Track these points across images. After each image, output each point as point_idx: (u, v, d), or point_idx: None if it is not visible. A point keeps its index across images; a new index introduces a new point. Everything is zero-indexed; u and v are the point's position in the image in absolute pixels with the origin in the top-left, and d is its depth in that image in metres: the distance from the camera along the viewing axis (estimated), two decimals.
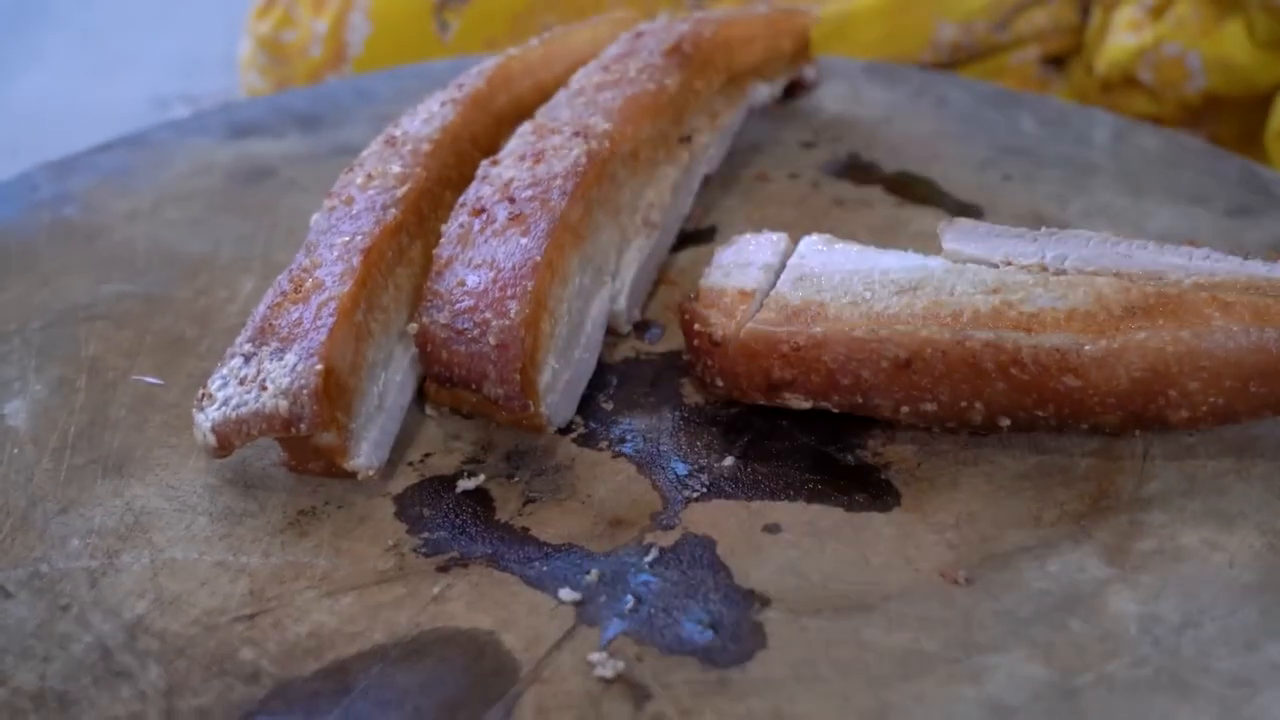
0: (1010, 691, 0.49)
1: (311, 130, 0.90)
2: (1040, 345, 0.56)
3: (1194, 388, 0.56)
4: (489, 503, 0.58)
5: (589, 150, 0.63)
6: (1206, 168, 0.86)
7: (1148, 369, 0.55)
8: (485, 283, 0.57)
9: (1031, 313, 0.56)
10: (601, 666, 0.49)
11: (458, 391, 0.60)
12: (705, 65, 0.74)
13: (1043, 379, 0.56)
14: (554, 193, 0.60)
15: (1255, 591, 0.53)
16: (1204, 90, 1.09)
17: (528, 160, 0.63)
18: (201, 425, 0.56)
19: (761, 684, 0.49)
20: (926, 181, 0.85)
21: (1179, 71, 1.10)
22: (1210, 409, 0.56)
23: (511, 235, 0.59)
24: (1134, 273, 0.58)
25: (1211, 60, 1.08)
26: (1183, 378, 0.55)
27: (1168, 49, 1.09)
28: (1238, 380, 0.55)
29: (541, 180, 0.61)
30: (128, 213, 0.79)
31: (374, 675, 0.49)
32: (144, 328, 0.68)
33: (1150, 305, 0.56)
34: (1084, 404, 0.56)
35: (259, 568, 0.53)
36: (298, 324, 0.56)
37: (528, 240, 0.58)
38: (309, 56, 1.23)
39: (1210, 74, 1.08)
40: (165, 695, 0.48)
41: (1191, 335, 0.55)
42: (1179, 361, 0.55)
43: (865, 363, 0.57)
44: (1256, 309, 0.56)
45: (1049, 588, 0.53)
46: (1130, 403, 0.56)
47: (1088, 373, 0.55)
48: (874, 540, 0.56)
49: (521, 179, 0.62)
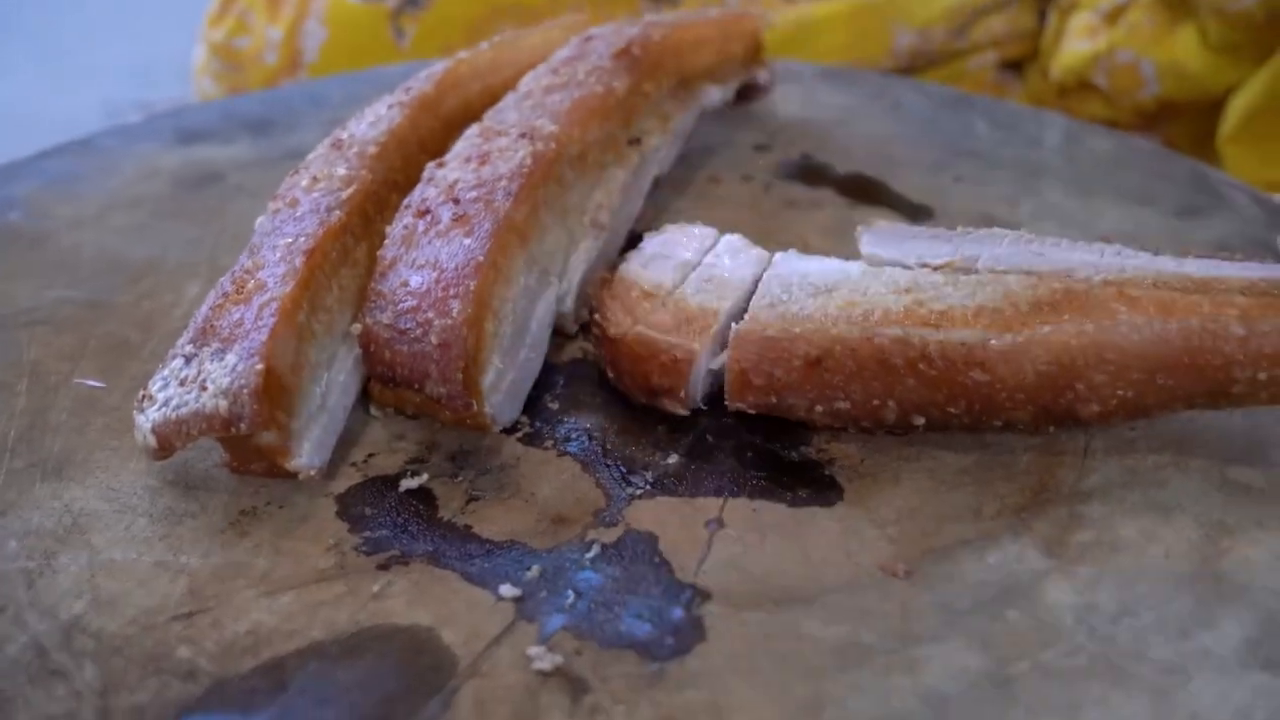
0: (946, 680, 0.50)
1: (262, 135, 0.91)
2: (947, 340, 0.57)
3: (1101, 380, 0.57)
4: (432, 502, 0.58)
5: (535, 151, 0.64)
6: (1156, 169, 0.88)
7: (1053, 362, 0.57)
8: (428, 283, 0.58)
9: (940, 310, 0.58)
10: (540, 660, 0.50)
11: (401, 392, 0.61)
12: (655, 68, 0.75)
13: (951, 374, 0.57)
14: (499, 193, 0.61)
15: (1190, 581, 0.55)
16: (1158, 96, 1.12)
17: (473, 162, 0.64)
18: (142, 427, 0.57)
19: (699, 676, 0.50)
20: (879, 184, 0.86)
21: (1133, 78, 1.12)
22: (1120, 402, 0.58)
23: (455, 236, 0.60)
24: (1044, 270, 0.60)
25: (1165, 66, 1.10)
26: (1089, 371, 0.57)
27: (1121, 55, 1.12)
28: (1144, 373, 0.57)
29: (486, 181, 0.62)
30: (72, 219, 0.79)
31: (311, 672, 0.49)
32: (87, 332, 0.69)
33: (1057, 300, 0.57)
34: (994, 400, 0.58)
35: (198, 568, 0.54)
36: (239, 325, 0.57)
37: (471, 240, 0.59)
38: (263, 63, 1.24)
39: (1163, 80, 1.11)
40: (100, 694, 0.48)
41: (1096, 329, 0.56)
42: (1084, 354, 0.57)
43: (778, 362, 0.59)
44: (1161, 302, 0.57)
45: (987, 579, 0.55)
46: (1039, 397, 0.58)
47: (995, 367, 0.57)
48: (815, 535, 0.57)
49: (466, 180, 0.63)
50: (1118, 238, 0.79)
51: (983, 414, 0.59)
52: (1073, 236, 0.78)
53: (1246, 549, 0.57)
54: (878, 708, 0.49)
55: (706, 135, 0.89)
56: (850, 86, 0.99)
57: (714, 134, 0.90)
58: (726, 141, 0.90)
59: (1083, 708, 0.49)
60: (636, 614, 0.53)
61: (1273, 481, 0.61)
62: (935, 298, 0.58)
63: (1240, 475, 0.61)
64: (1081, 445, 0.62)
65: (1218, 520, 0.58)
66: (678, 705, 0.48)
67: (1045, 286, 0.58)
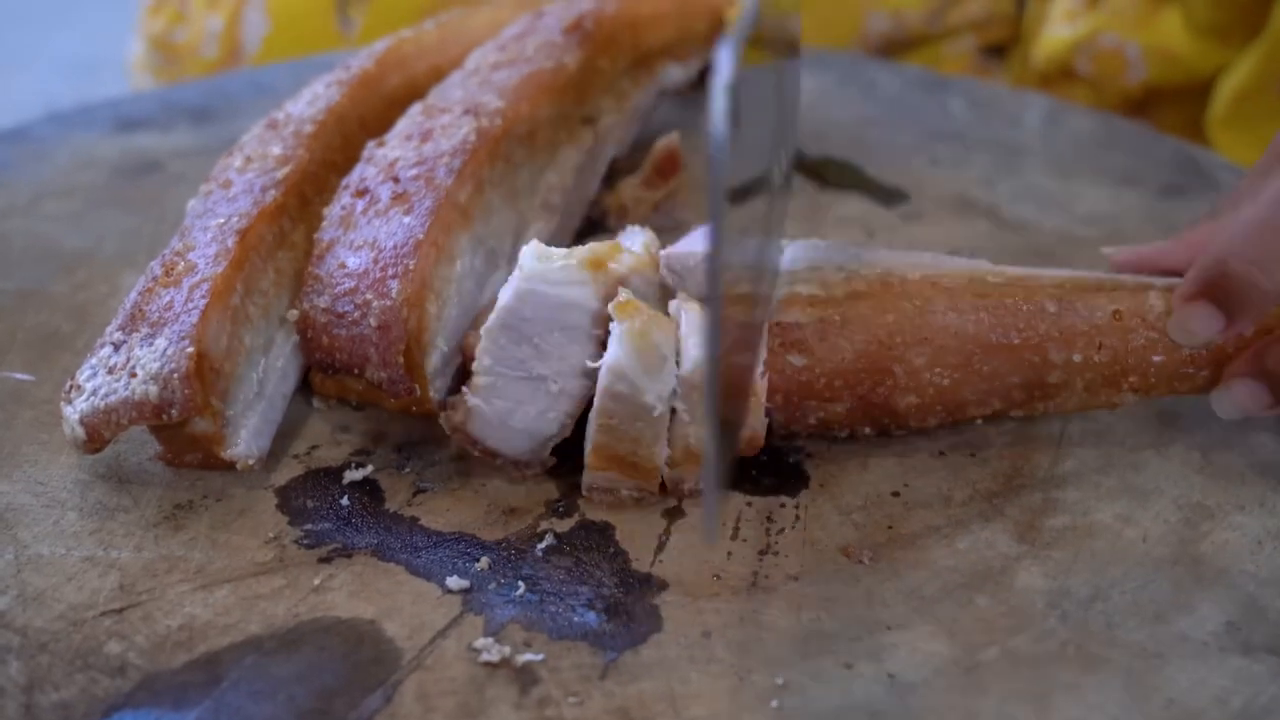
0: (911, 668, 0.51)
1: (203, 124, 0.91)
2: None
3: (919, 364, 0.59)
4: (377, 494, 0.59)
5: (479, 128, 0.65)
6: (1139, 149, 0.89)
7: (871, 339, 0.58)
8: (366, 264, 0.59)
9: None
10: (487, 652, 0.50)
11: (343, 380, 0.61)
12: (609, 44, 0.76)
13: (770, 360, 0.58)
14: (440, 170, 0.62)
15: (1168, 565, 0.56)
16: (1144, 81, 1.13)
17: (414, 140, 0.65)
18: (70, 418, 0.57)
19: (654, 666, 0.50)
20: (851, 167, 0.87)
21: (1118, 62, 1.13)
22: (937, 392, 0.59)
23: (394, 214, 0.61)
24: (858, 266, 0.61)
25: (1150, 50, 1.11)
26: (907, 351, 0.58)
27: (1105, 40, 1.13)
28: (960, 355, 0.59)
29: (428, 159, 0.63)
30: (4, 208, 0.80)
31: (247, 666, 0.50)
32: (15, 323, 0.69)
33: (874, 290, 0.59)
34: (812, 387, 0.59)
35: (130, 562, 0.55)
36: (169, 308, 0.58)
37: (411, 219, 0.60)
38: (202, 56, 1.24)
39: (1150, 64, 1.12)
40: (25, 690, 0.49)
41: (913, 307, 0.58)
42: (901, 332, 0.58)
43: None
44: (977, 291, 0.59)
45: (956, 565, 0.56)
46: (858, 385, 0.59)
47: (812, 348, 0.58)
48: (779, 524, 0.58)
49: (407, 158, 0.63)
50: (1100, 219, 0.81)
51: (798, 410, 0.60)
52: (1053, 218, 0.80)
53: (1226, 533, 0.58)
54: (841, 697, 0.49)
55: (670, 118, 0.90)
56: (822, 69, 1.00)
57: (679, 119, 0.91)
58: (691, 125, 0.91)
59: (1053, 694, 0.50)
60: (589, 604, 0.53)
61: (1254, 465, 0.62)
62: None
63: (1221, 459, 0.62)
64: (1057, 432, 0.63)
65: (1197, 503, 0.59)
66: (631, 696, 0.49)
67: (861, 278, 0.59)
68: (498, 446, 0.59)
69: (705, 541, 0.56)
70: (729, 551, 0.56)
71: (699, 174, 0.85)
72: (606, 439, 0.56)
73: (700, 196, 0.81)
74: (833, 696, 0.49)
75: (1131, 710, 0.49)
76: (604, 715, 0.48)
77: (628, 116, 0.78)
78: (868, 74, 1.01)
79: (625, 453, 0.56)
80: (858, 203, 0.83)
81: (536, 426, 0.58)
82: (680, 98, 0.93)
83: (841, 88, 0.98)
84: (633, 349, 0.54)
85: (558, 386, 0.57)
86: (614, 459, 0.56)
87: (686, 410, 0.56)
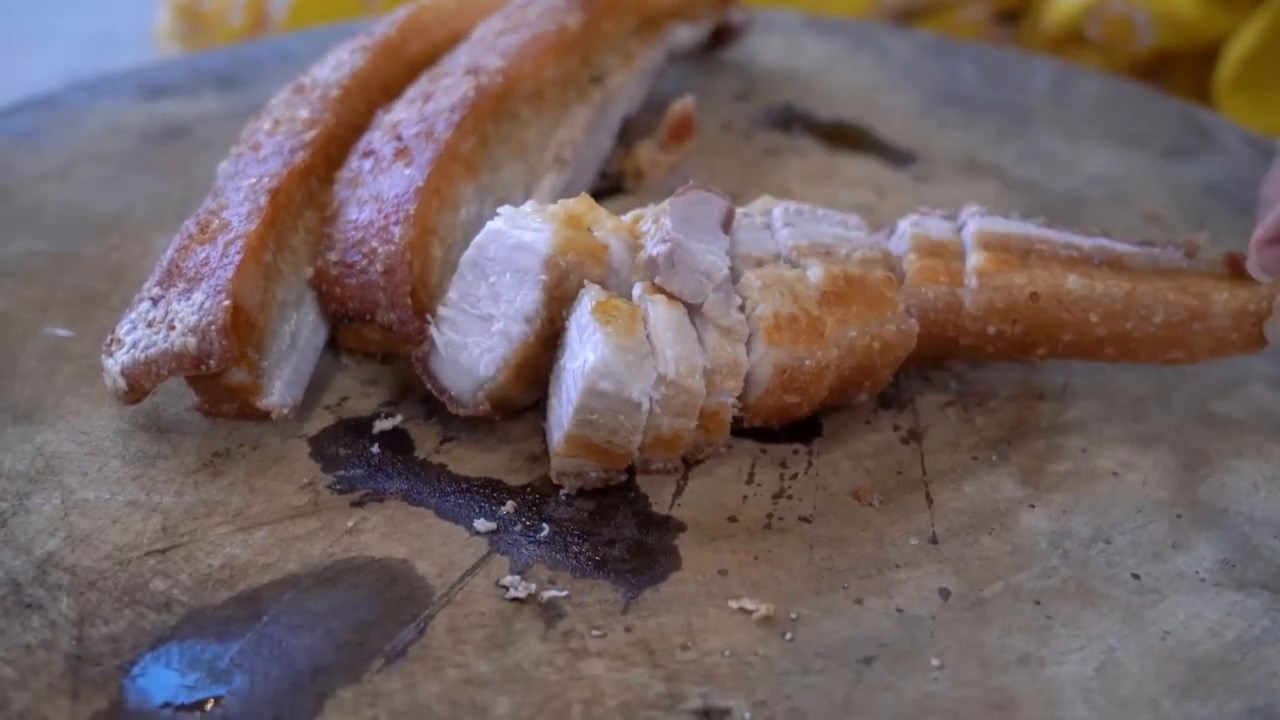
0: (919, 602, 0.53)
1: (229, 90, 0.94)
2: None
3: (885, 375, 0.62)
4: (406, 442, 0.62)
5: (478, 84, 0.68)
6: (1146, 110, 0.91)
7: (856, 367, 0.60)
8: (371, 215, 0.62)
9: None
10: (514, 589, 0.53)
11: (361, 331, 0.64)
12: (614, 5, 0.78)
13: (764, 400, 0.59)
14: (439, 124, 0.65)
15: (1167, 506, 0.58)
16: (1153, 46, 1.14)
17: (417, 102, 0.68)
18: (111, 370, 0.60)
19: (673, 601, 0.53)
20: (862, 130, 0.89)
21: (1126, 27, 1.15)
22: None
23: (396, 168, 0.64)
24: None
25: (1158, 15, 1.13)
26: (883, 370, 0.61)
27: (1114, 5, 1.14)
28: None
29: (429, 116, 0.66)
30: (37, 174, 0.82)
31: (286, 602, 0.53)
32: (54, 283, 0.71)
33: (841, 290, 0.59)
34: (790, 414, 0.60)
35: (172, 506, 0.57)
36: (205, 263, 0.60)
37: (411, 170, 0.63)
38: (229, 24, 1.26)
39: (1158, 29, 1.13)
40: (76, 624, 0.51)
41: (894, 328, 0.60)
42: (880, 355, 0.60)
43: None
44: (925, 272, 0.62)
45: (962, 508, 0.58)
46: (824, 400, 0.61)
47: (807, 388, 0.59)
48: (792, 469, 0.60)
49: (410, 119, 0.67)
50: (1107, 180, 0.83)
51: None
52: (1060, 179, 0.82)
53: (1224, 476, 0.60)
54: (851, 630, 0.52)
55: (685, 84, 0.92)
56: (833, 34, 1.02)
57: (692, 83, 0.93)
58: (706, 90, 0.93)
59: (1054, 627, 0.52)
60: (610, 544, 0.56)
61: (1253, 414, 0.64)
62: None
63: (1221, 408, 0.64)
64: (1061, 383, 0.66)
65: (1196, 450, 0.62)
66: (651, 629, 0.52)
67: (826, 274, 0.60)
68: (446, 384, 0.61)
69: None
70: (745, 495, 0.59)
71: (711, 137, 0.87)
72: (583, 431, 0.56)
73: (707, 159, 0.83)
74: (843, 629, 0.52)
75: (1129, 641, 0.51)
76: (626, 647, 0.51)
77: (636, 75, 0.81)
78: (879, 39, 1.03)
79: (600, 441, 0.57)
80: (868, 164, 0.85)
81: (475, 367, 0.60)
82: (696, 64, 0.95)
83: (853, 52, 1.00)
84: (617, 350, 0.55)
85: (499, 327, 0.59)
86: (587, 447, 0.57)
87: (660, 402, 0.56)
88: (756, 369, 0.58)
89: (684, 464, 0.60)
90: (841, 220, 0.63)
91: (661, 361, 0.56)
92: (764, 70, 0.97)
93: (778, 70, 0.97)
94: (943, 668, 0.50)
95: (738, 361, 0.57)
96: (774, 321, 0.58)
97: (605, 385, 0.55)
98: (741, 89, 0.94)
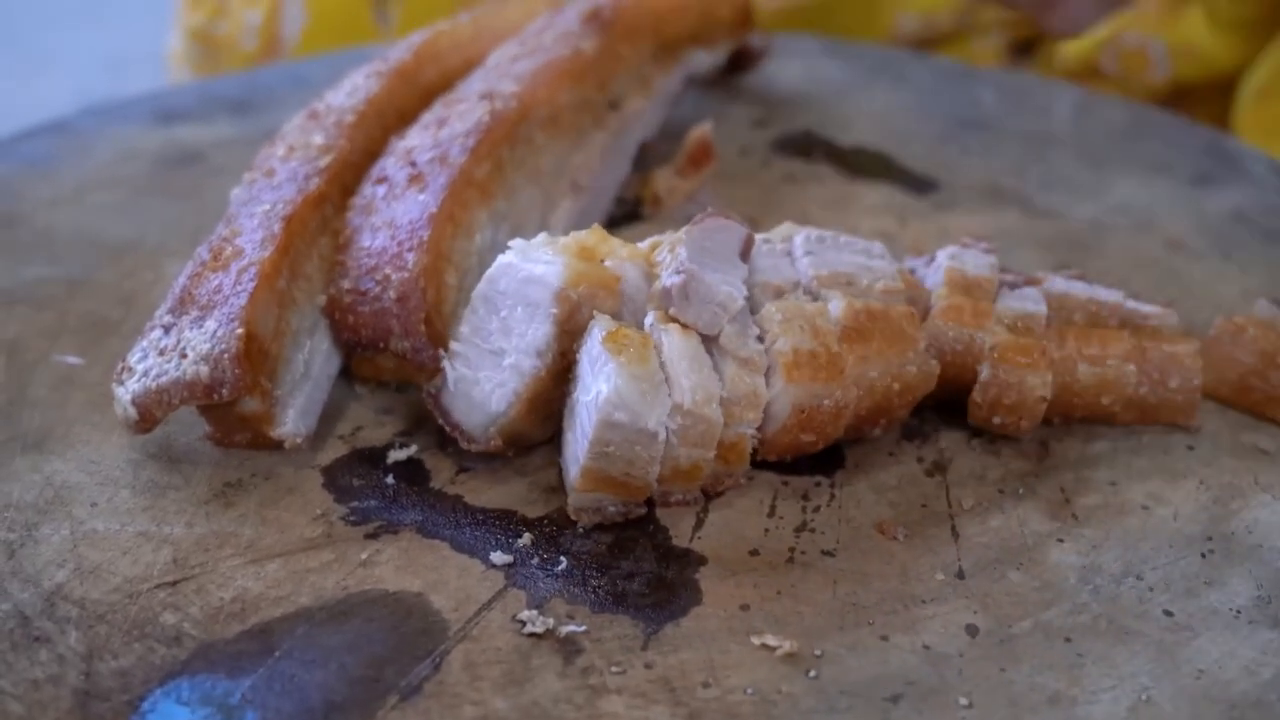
0: (946, 639, 0.52)
1: (242, 115, 0.93)
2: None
3: (902, 414, 0.62)
4: (422, 473, 0.61)
5: (493, 110, 0.67)
6: (1170, 138, 0.90)
7: (874, 406, 0.60)
8: (385, 242, 0.62)
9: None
10: (531, 624, 0.52)
11: (376, 360, 0.63)
12: (630, 31, 0.78)
13: (780, 437, 0.59)
14: (454, 150, 0.65)
15: (1199, 541, 0.57)
16: (1169, 78, 1.14)
17: (431, 128, 0.68)
18: (122, 399, 0.59)
19: (694, 637, 0.52)
20: (882, 156, 0.89)
21: (1142, 60, 1.14)
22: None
23: (410, 194, 0.64)
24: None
25: (1175, 47, 1.13)
26: (900, 409, 0.61)
27: (1128, 38, 1.14)
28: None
29: (443, 142, 0.66)
30: (49, 199, 0.82)
31: (299, 636, 0.52)
32: (65, 310, 0.71)
33: (862, 325, 0.59)
34: (804, 450, 0.60)
35: (182, 537, 0.56)
36: (217, 291, 0.59)
37: (425, 196, 0.63)
38: (242, 49, 1.26)
39: (1174, 61, 1.13)
40: (84, 659, 0.51)
41: (914, 368, 0.60)
42: (899, 395, 0.60)
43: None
44: (950, 311, 0.62)
45: (989, 542, 0.57)
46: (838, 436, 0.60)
47: (824, 427, 0.58)
48: (814, 502, 0.59)
49: (424, 144, 0.66)
50: (1131, 208, 0.82)
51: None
52: (1084, 206, 0.82)
53: (1257, 510, 0.59)
54: (878, 667, 0.51)
55: (703, 110, 0.91)
56: (853, 60, 1.02)
57: (710, 108, 0.93)
58: (724, 116, 0.92)
59: (1085, 665, 0.51)
60: (630, 578, 0.55)
61: None
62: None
63: (1252, 439, 0.63)
64: None
65: (1227, 483, 0.61)
66: (672, 666, 0.51)
67: (848, 309, 0.59)
68: (458, 420, 0.60)
69: None
70: (766, 529, 0.58)
71: (729, 163, 0.87)
72: (599, 464, 0.55)
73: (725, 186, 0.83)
74: (869, 667, 0.51)
75: (1163, 680, 0.50)
76: (646, 684, 0.50)
77: (654, 101, 0.80)
78: (899, 65, 1.02)
79: (617, 474, 0.56)
80: (889, 191, 0.84)
81: (487, 402, 0.59)
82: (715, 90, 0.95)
83: (872, 78, 1.00)
84: (630, 380, 0.54)
85: (510, 361, 0.58)
86: (605, 480, 0.56)
87: (676, 433, 0.55)
88: (775, 404, 0.57)
89: (704, 496, 0.59)
90: (865, 249, 0.63)
91: (677, 390, 0.55)
92: (783, 96, 0.96)
93: (797, 96, 0.97)
94: (971, 707, 0.49)
95: (757, 393, 0.57)
96: (793, 358, 0.57)
97: (620, 416, 0.54)
98: (760, 115, 0.93)
